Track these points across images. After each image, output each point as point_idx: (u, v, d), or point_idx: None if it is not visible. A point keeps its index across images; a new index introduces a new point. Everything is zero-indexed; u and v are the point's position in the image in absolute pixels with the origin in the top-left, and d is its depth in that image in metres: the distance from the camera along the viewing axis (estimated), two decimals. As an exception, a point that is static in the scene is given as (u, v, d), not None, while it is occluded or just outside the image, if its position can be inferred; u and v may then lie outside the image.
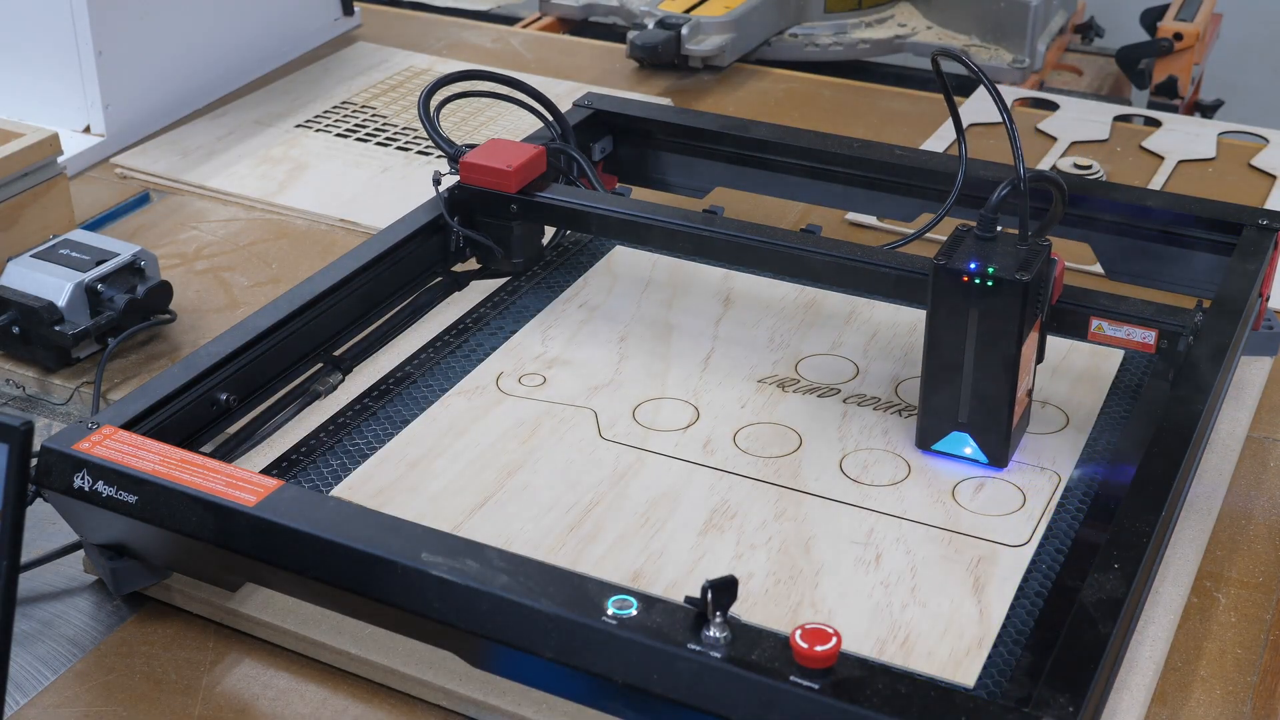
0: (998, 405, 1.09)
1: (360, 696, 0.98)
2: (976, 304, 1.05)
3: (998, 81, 1.96)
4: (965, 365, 1.08)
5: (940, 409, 1.11)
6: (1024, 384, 1.10)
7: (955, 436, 1.11)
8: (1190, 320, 1.13)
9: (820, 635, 0.83)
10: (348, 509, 0.96)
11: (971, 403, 1.09)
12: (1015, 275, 1.04)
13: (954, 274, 1.05)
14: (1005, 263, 1.05)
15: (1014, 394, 1.08)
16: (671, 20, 1.91)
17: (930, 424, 1.12)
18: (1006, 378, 1.07)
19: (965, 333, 1.06)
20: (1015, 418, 1.10)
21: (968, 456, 1.11)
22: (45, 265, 1.30)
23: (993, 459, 1.11)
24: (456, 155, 1.33)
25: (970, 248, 1.07)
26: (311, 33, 1.99)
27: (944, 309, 1.07)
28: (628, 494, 1.09)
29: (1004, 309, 1.05)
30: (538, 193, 1.31)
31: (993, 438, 1.10)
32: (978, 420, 1.10)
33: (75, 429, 1.02)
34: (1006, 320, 1.05)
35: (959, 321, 1.06)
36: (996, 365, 1.07)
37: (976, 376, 1.08)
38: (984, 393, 1.08)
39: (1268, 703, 0.97)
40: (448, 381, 1.22)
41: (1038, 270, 1.06)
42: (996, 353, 1.07)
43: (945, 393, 1.10)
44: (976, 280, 1.05)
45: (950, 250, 1.07)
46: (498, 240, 1.33)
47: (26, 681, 1.00)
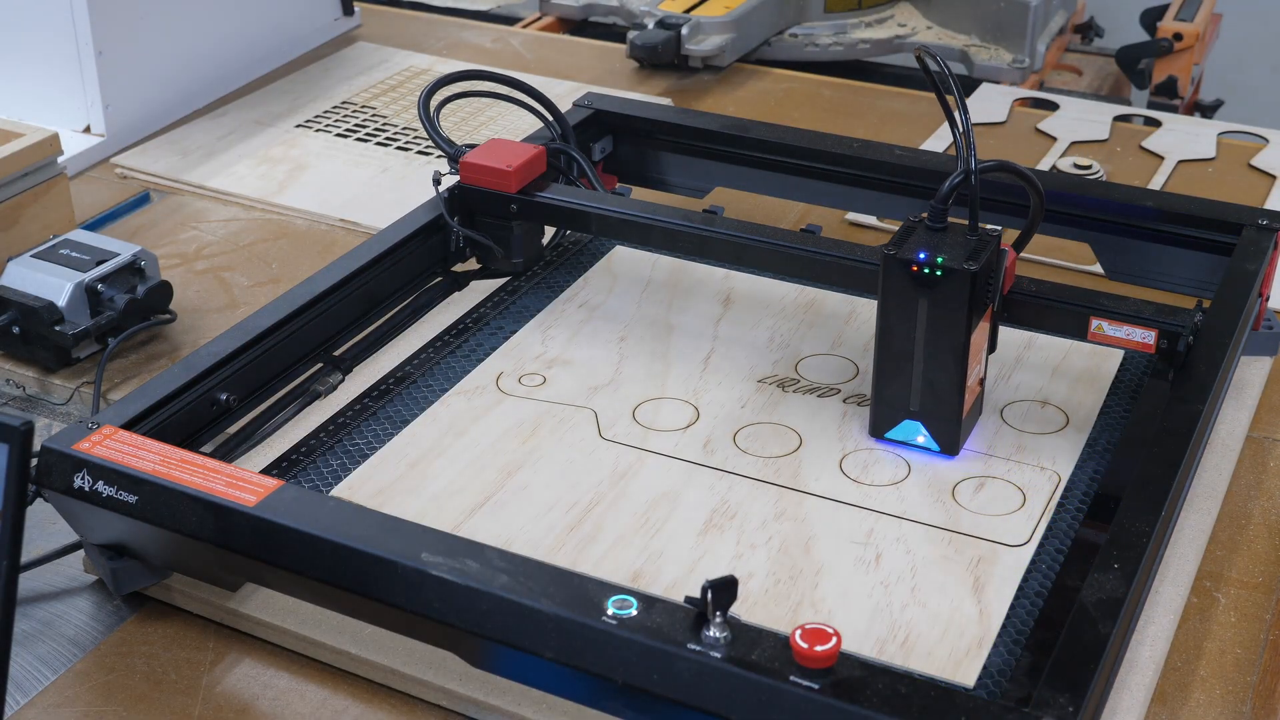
0: (948, 394, 1.10)
1: (360, 696, 0.98)
2: (925, 293, 1.07)
3: (997, 81, 1.96)
4: (916, 354, 1.09)
5: (892, 398, 1.12)
6: (974, 372, 1.11)
7: (907, 425, 1.13)
8: (1190, 320, 1.13)
9: (820, 635, 0.83)
10: (348, 509, 0.96)
11: (923, 391, 1.11)
12: (963, 265, 1.06)
13: (903, 264, 1.07)
14: (954, 253, 1.07)
15: (964, 382, 1.09)
16: (671, 20, 1.91)
17: (883, 412, 1.13)
18: (956, 366, 1.09)
19: (915, 322, 1.08)
20: (966, 406, 1.11)
21: (920, 445, 1.13)
22: (45, 265, 1.30)
23: (944, 447, 1.12)
24: (456, 155, 1.33)
25: (920, 238, 1.09)
26: (311, 33, 1.99)
27: (894, 299, 1.08)
28: (628, 494, 1.09)
29: (952, 298, 1.06)
30: (538, 193, 1.31)
31: (944, 426, 1.12)
32: (929, 408, 1.11)
33: (75, 429, 1.02)
34: (955, 309, 1.07)
35: (909, 311, 1.08)
36: (946, 354, 1.08)
37: (927, 365, 1.09)
38: (934, 381, 1.10)
39: (1268, 703, 0.97)
40: (448, 381, 1.22)
41: (986, 260, 1.07)
42: (946, 341, 1.08)
43: (897, 382, 1.11)
44: (925, 270, 1.06)
45: (900, 240, 1.09)
46: (498, 240, 1.33)
47: (26, 681, 1.00)
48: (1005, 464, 1.12)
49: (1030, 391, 1.21)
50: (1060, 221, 1.34)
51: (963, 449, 1.13)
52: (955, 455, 1.12)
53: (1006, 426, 1.17)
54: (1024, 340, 1.27)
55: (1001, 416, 1.18)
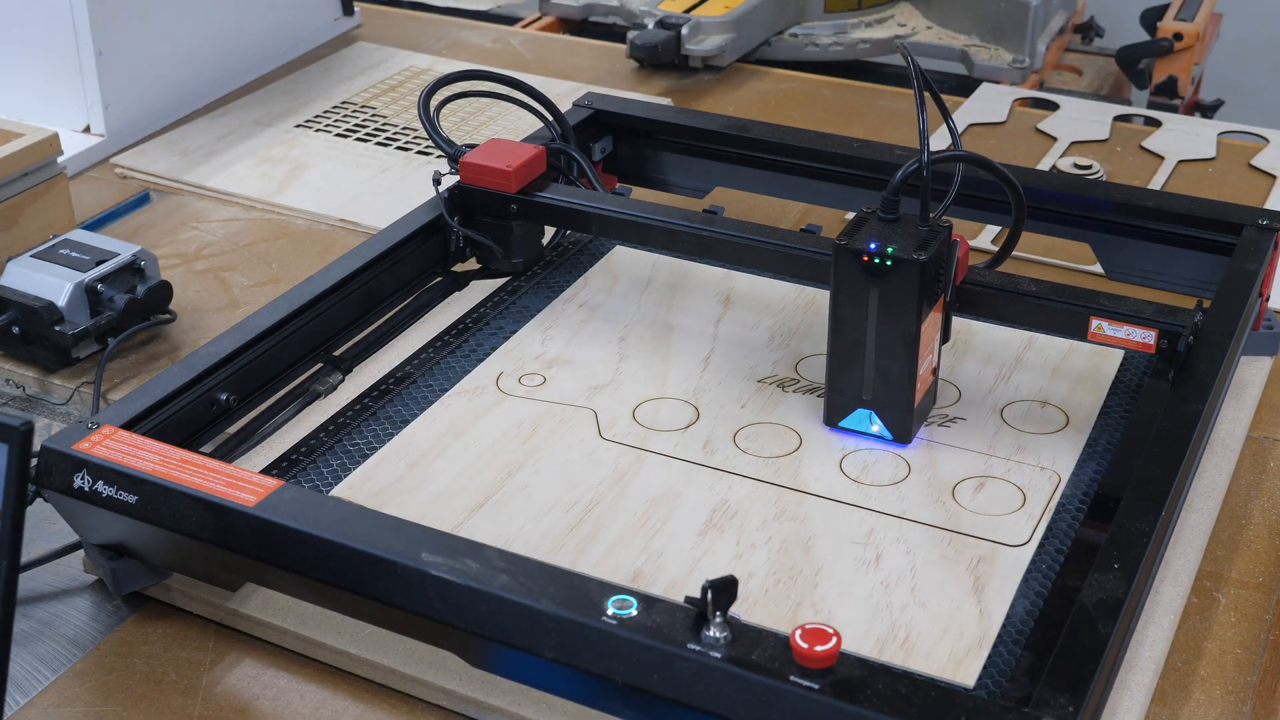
0: (900, 382, 1.11)
1: (360, 696, 0.98)
2: (876, 283, 1.08)
3: (997, 81, 1.96)
4: (868, 343, 1.11)
5: (845, 386, 1.14)
6: (926, 362, 1.12)
7: (860, 413, 1.14)
8: (1190, 320, 1.13)
9: (820, 635, 0.83)
10: (348, 509, 0.96)
11: (875, 380, 1.12)
12: (913, 255, 1.07)
13: (854, 254, 1.08)
14: (904, 243, 1.08)
15: (915, 371, 1.11)
16: (671, 20, 1.91)
17: (836, 401, 1.15)
18: (907, 355, 1.10)
19: (867, 311, 1.09)
20: (919, 395, 1.13)
21: (874, 434, 1.14)
22: (45, 265, 1.30)
23: (897, 435, 1.14)
24: (456, 155, 1.33)
25: (872, 229, 1.10)
26: (311, 33, 1.99)
27: (846, 288, 1.10)
28: (628, 494, 1.09)
29: (903, 288, 1.08)
30: (538, 193, 1.31)
31: (896, 414, 1.13)
32: (882, 397, 1.13)
33: (75, 429, 1.02)
34: (905, 299, 1.08)
35: (860, 300, 1.09)
36: (898, 343, 1.10)
37: (879, 354, 1.11)
38: (886, 370, 1.11)
39: (1268, 703, 0.97)
40: (448, 381, 1.22)
41: (936, 250, 1.08)
42: (897, 331, 1.09)
43: (850, 370, 1.13)
44: (876, 260, 1.07)
45: (853, 231, 1.10)
46: (498, 240, 1.33)
47: (26, 681, 1.00)
48: (1005, 464, 1.12)
49: (1030, 391, 1.21)
50: (1060, 221, 1.34)
51: (915, 438, 1.14)
52: (908, 443, 1.14)
53: (1006, 426, 1.17)
54: (1024, 340, 1.27)
55: (1001, 416, 1.18)
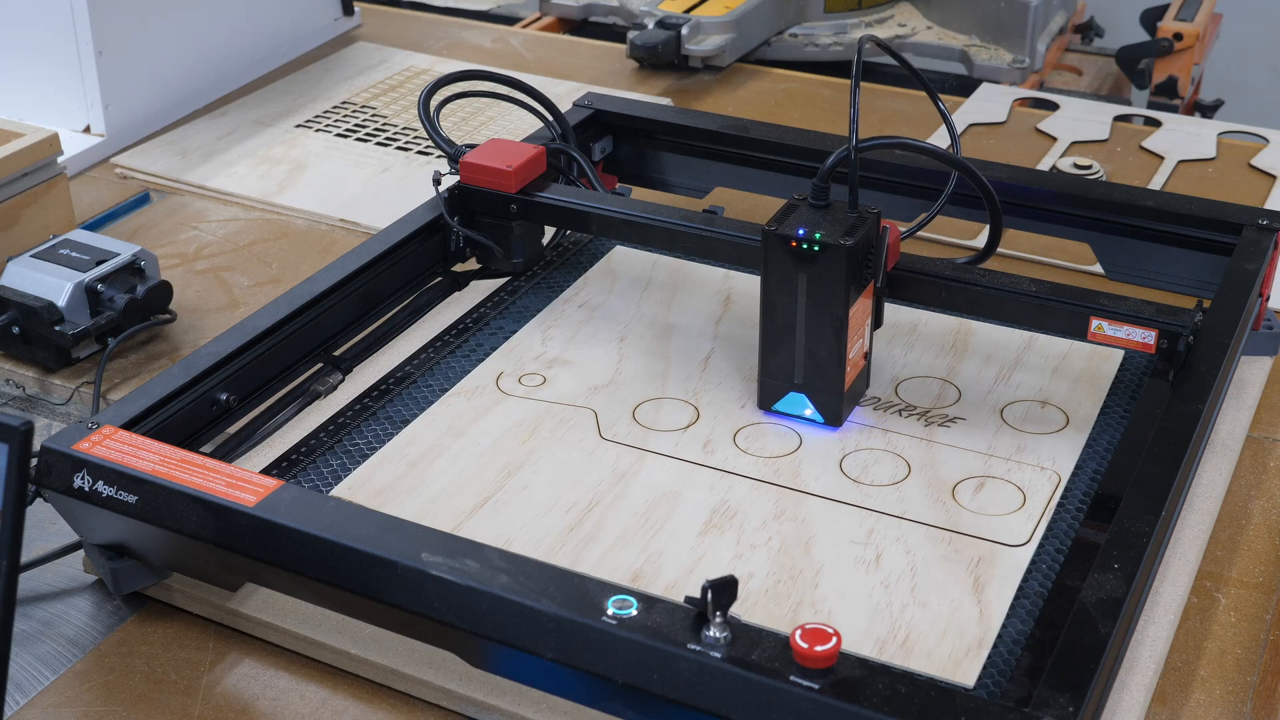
0: (830, 366, 1.13)
1: (360, 696, 0.98)
2: (805, 268, 1.10)
3: (997, 81, 1.96)
4: (798, 328, 1.12)
5: (777, 371, 1.15)
6: (857, 346, 1.14)
7: (793, 397, 1.16)
8: (1190, 320, 1.13)
9: (820, 635, 0.83)
10: (348, 509, 0.96)
11: (806, 364, 1.14)
12: (840, 240, 1.09)
13: (783, 239, 1.10)
14: (832, 229, 1.10)
15: (844, 355, 1.12)
16: (671, 20, 1.91)
17: (768, 385, 1.16)
18: (836, 339, 1.12)
19: (796, 296, 1.11)
20: (849, 379, 1.15)
21: (807, 417, 1.16)
22: (45, 265, 1.30)
23: (829, 419, 1.15)
24: (456, 155, 1.33)
25: (801, 215, 1.12)
26: (311, 33, 1.99)
27: (775, 274, 1.12)
28: (628, 494, 1.09)
29: (830, 273, 1.10)
30: (538, 193, 1.31)
31: (828, 398, 1.15)
32: (813, 381, 1.15)
33: (75, 429, 1.02)
34: (833, 284, 1.10)
35: (790, 286, 1.11)
36: (827, 327, 1.12)
37: (808, 339, 1.13)
38: (816, 354, 1.13)
39: (1268, 703, 0.97)
40: (448, 381, 1.22)
41: (862, 236, 1.10)
42: (826, 315, 1.11)
43: (781, 355, 1.14)
44: (804, 245, 1.09)
45: (782, 217, 1.12)
46: (498, 240, 1.33)
47: (26, 681, 1.00)
48: (1005, 464, 1.12)
49: (1030, 391, 1.21)
50: (1060, 221, 1.34)
51: (848, 421, 1.16)
52: (839, 427, 1.15)
53: (1006, 426, 1.17)
54: (1024, 340, 1.27)
55: (1001, 416, 1.18)
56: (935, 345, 1.26)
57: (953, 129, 1.29)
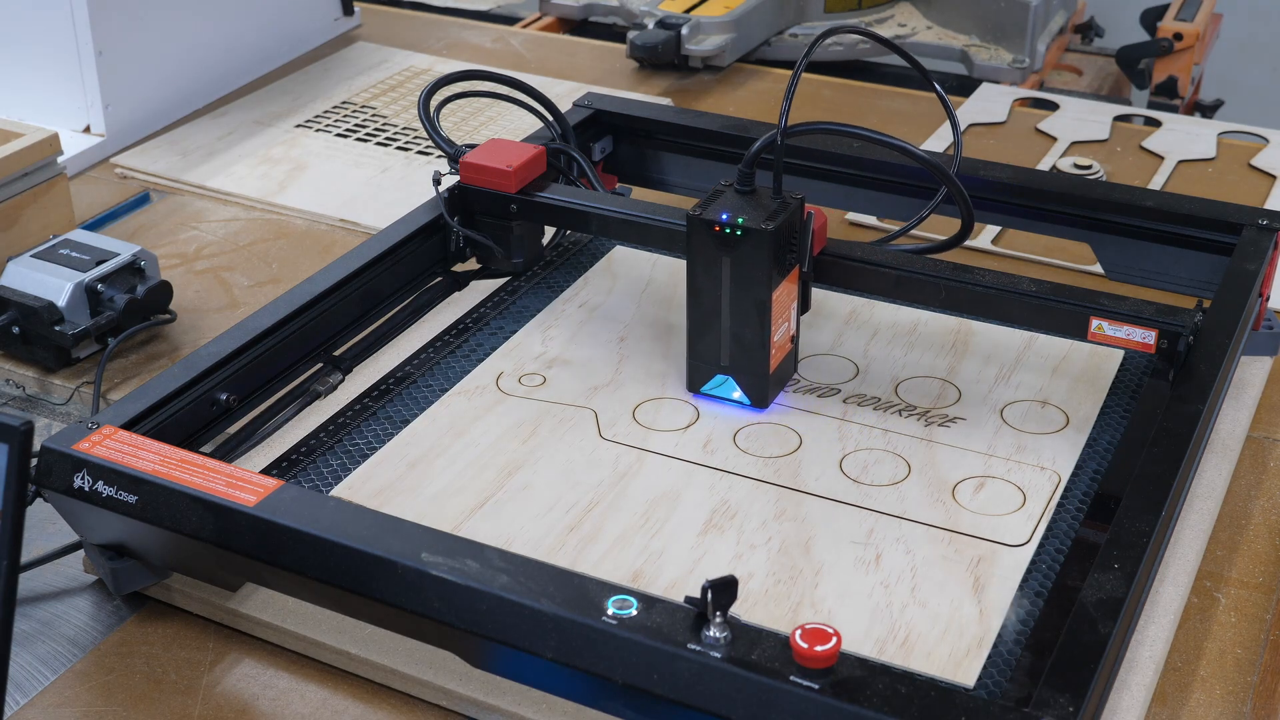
0: (755, 349, 1.15)
1: (360, 696, 0.98)
2: (728, 253, 1.12)
3: (997, 81, 1.96)
4: (723, 311, 1.15)
5: (704, 353, 1.18)
6: (782, 329, 1.17)
7: (720, 380, 1.18)
8: (1190, 320, 1.13)
9: (820, 635, 0.83)
10: (348, 509, 0.96)
11: (731, 347, 1.16)
12: (762, 225, 1.11)
13: (707, 224, 1.12)
14: (755, 214, 1.12)
15: (769, 338, 1.14)
16: (671, 20, 1.91)
17: (696, 368, 1.19)
18: (760, 322, 1.14)
19: (720, 280, 1.13)
20: (775, 361, 1.17)
21: (735, 400, 1.18)
22: (45, 265, 1.30)
23: (755, 400, 1.18)
24: (456, 155, 1.33)
25: (726, 200, 1.14)
26: (311, 33, 1.99)
27: (700, 258, 1.14)
28: (628, 494, 1.09)
29: (753, 257, 1.12)
30: (538, 193, 1.31)
31: (753, 380, 1.17)
32: (739, 363, 1.17)
33: (75, 429, 1.02)
34: (756, 267, 1.12)
35: (714, 270, 1.13)
36: (751, 310, 1.14)
37: (733, 322, 1.15)
38: (742, 337, 1.15)
39: (1268, 703, 0.97)
40: (448, 381, 1.22)
41: (784, 221, 1.12)
42: (750, 298, 1.13)
43: (708, 338, 1.17)
44: (727, 230, 1.11)
45: (708, 203, 1.14)
46: (498, 240, 1.33)
47: (26, 681, 1.00)
48: (1005, 464, 1.12)
49: (1030, 391, 1.21)
50: (1060, 221, 1.34)
51: (774, 403, 1.18)
52: (765, 408, 1.18)
53: (1006, 426, 1.17)
54: (1024, 340, 1.27)
55: (1001, 416, 1.18)
56: (935, 345, 1.27)
57: (951, 112, 1.29)
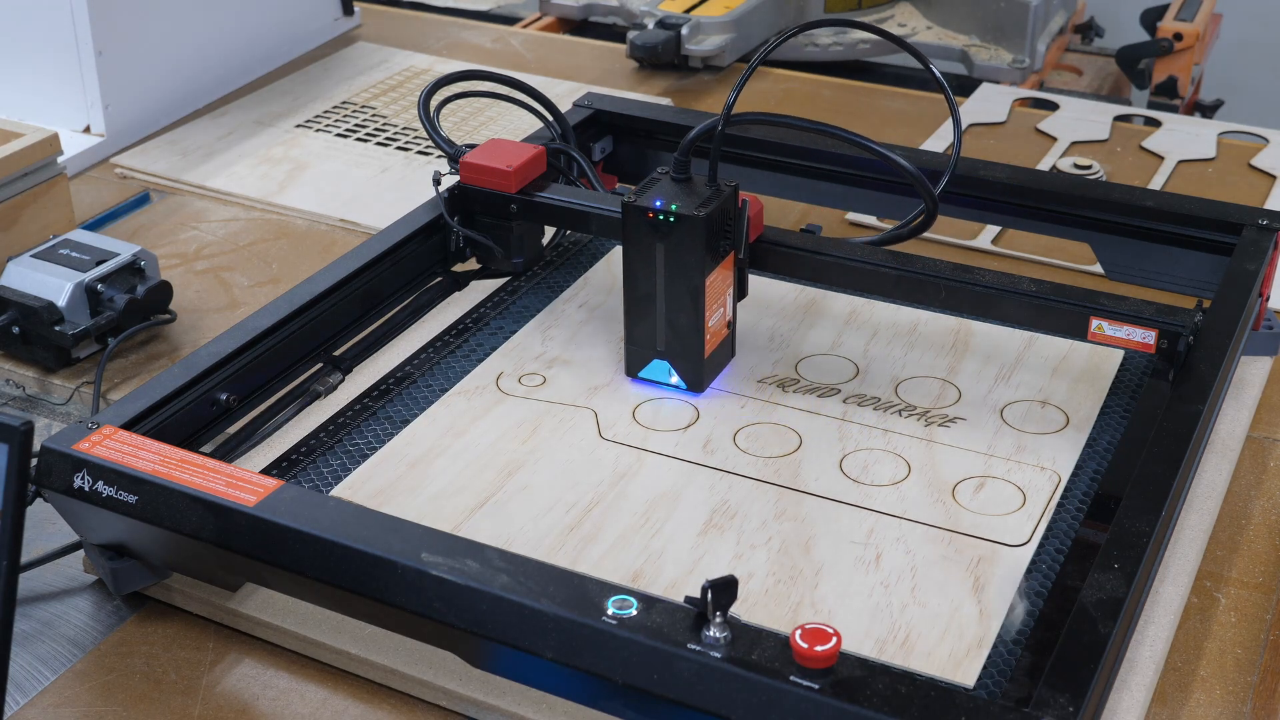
0: (690, 333, 1.18)
1: (360, 696, 0.98)
2: (662, 239, 1.14)
3: (997, 81, 1.96)
4: (658, 296, 1.17)
5: (641, 338, 1.20)
6: (717, 315, 1.19)
7: (656, 364, 1.20)
8: (1190, 320, 1.13)
9: (820, 635, 0.83)
10: (348, 509, 0.96)
11: (667, 332, 1.18)
12: (694, 211, 1.13)
13: (640, 211, 1.14)
14: (688, 201, 1.14)
15: (703, 323, 1.16)
16: (671, 20, 1.91)
17: (634, 353, 1.21)
18: (694, 307, 1.16)
19: (655, 266, 1.15)
20: (710, 346, 1.19)
21: (672, 384, 1.20)
22: (45, 265, 1.30)
23: (691, 384, 1.20)
24: (456, 155, 1.33)
25: (661, 188, 1.16)
26: (311, 33, 1.99)
27: (635, 244, 1.16)
28: (628, 494, 1.09)
29: (687, 243, 1.14)
30: (538, 193, 1.31)
31: (689, 364, 1.19)
32: (674, 348, 1.19)
33: (75, 429, 1.02)
34: (690, 253, 1.14)
35: (649, 256, 1.16)
36: (685, 296, 1.16)
37: (668, 306, 1.17)
38: (677, 322, 1.18)
39: (1268, 703, 0.97)
40: (448, 381, 1.22)
41: (717, 208, 1.14)
42: (684, 284, 1.15)
43: (644, 323, 1.19)
44: (660, 216, 1.13)
45: (644, 190, 1.16)
46: (497, 240, 1.33)
47: (26, 681, 1.00)
48: (1005, 464, 1.12)
49: (1030, 391, 1.21)
50: (1060, 221, 1.34)
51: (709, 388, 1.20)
52: (701, 392, 1.20)
53: (1006, 426, 1.17)
54: (1024, 340, 1.27)
55: (1001, 416, 1.18)
56: (935, 345, 1.27)
57: (957, 123, 1.29)
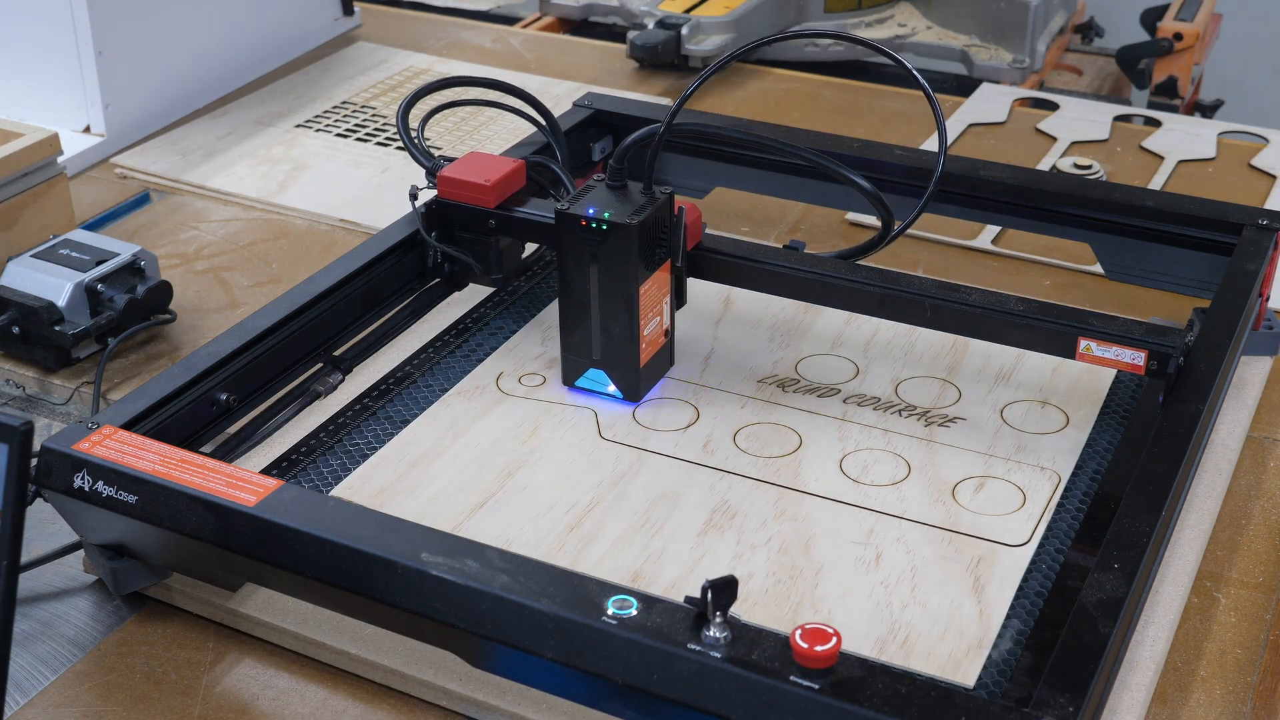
0: (625, 342, 1.17)
1: (360, 696, 0.98)
2: (596, 247, 1.14)
3: (997, 81, 1.96)
4: (593, 305, 1.16)
5: (577, 347, 1.19)
6: (653, 323, 1.18)
7: (593, 373, 1.20)
8: (1180, 340, 1.11)
9: (820, 635, 0.83)
10: (348, 509, 0.96)
11: (603, 341, 1.18)
12: (627, 219, 1.12)
13: (573, 219, 1.14)
14: (621, 209, 1.14)
15: (638, 331, 1.16)
16: (671, 20, 1.91)
17: (570, 361, 1.20)
18: (629, 316, 1.16)
19: (589, 274, 1.15)
20: (646, 355, 1.18)
21: (609, 394, 1.20)
22: (45, 265, 1.30)
23: (627, 394, 1.19)
24: (434, 169, 1.29)
25: (596, 196, 1.16)
26: (311, 33, 1.99)
27: (570, 252, 1.15)
28: (628, 494, 1.09)
29: (620, 251, 1.13)
30: (517, 208, 1.27)
31: (625, 373, 1.19)
32: (610, 357, 1.18)
33: (75, 429, 1.02)
34: (623, 261, 1.14)
35: (583, 264, 1.15)
36: (619, 304, 1.15)
37: (603, 315, 1.17)
38: (611, 330, 1.17)
39: (1268, 703, 0.97)
40: (448, 381, 1.22)
41: (651, 215, 1.14)
42: (618, 292, 1.15)
43: (579, 331, 1.18)
44: (593, 225, 1.13)
45: (577, 198, 1.16)
46: (476, 256, 1.29)
47: (26, 681, 1.00)
48: (1005, 464, 1.12)
49: (1030, 391, 1.21)
50: (1060, 221, 1.34)
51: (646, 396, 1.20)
52: (638, 401, 1.19)
53: (1006, 427, 1.17)
54: (1024, 340, 1.26)
55: (1001, 416, 1.18)
56: (935, 345, 1.26)
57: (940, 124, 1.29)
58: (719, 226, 1.50)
